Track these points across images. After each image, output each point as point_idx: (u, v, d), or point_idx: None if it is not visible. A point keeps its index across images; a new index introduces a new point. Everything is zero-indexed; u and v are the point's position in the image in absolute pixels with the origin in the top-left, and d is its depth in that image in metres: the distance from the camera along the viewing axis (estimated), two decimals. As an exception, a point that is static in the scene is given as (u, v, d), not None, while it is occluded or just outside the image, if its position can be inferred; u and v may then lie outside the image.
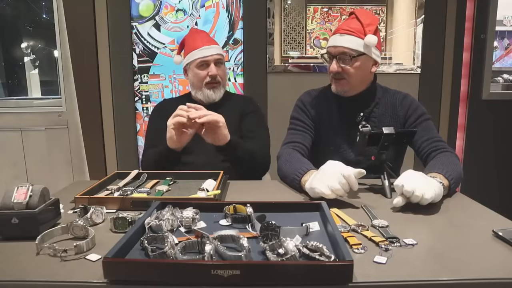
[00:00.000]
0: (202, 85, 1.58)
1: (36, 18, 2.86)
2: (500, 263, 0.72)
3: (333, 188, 1.02)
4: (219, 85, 1.60)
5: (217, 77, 1.58)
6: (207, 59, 1.56)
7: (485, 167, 2.50)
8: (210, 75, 1.56)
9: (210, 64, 1.57)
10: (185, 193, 1.17)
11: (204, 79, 1.57)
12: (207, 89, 1.58)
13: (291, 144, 1.41)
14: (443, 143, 1.32)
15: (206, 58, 1.56)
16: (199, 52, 1.56)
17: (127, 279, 0.65)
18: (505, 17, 2.65)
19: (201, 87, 1.59)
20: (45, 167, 2.52)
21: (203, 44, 1.57)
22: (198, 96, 1.61)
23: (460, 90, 2.47)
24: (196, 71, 1.58)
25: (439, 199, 1.01)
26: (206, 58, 1.56)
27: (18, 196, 0.85)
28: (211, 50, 1.57)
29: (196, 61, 1.56)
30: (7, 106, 2.56)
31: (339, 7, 2.49)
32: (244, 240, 0.72)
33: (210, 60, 1.56)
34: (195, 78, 1.59)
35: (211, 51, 1.57)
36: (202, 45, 1.57)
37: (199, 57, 1.56)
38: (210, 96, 1.59)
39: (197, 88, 1.60)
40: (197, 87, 1.60)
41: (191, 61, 1.58)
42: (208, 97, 1.59)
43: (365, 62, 1.37)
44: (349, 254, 0.66)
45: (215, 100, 1.60)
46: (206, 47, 1.57)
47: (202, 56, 1.56)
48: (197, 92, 1.61)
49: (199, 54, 1.56)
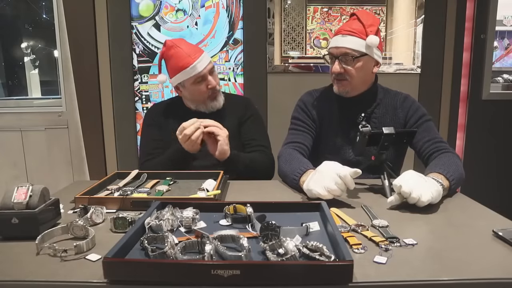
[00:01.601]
0: (204, 99, 1.53)
1: (36, 18, 2.85)
2: (500, 263, 0.72)
3: (330, 189, 1.02)
4: (218, 92, 1.56)
5: (217, 86, 1.53)
6: (202, 74, 1.48)
7: (485, 167, 2.50)
8: (212, 88, 1.51)
9: (207, 78, 1.50)
10: (185, 193, 1.17)
11: (206, 93, 1.52)
12: (210, 101, 1.54)
13: (291, 144, 1.41)
14: (444, 144, 1.32)
15: (201, 74, 1.48)
16: (191, 70, 1.47)
17: (127, 279, 0.65)
18: (505, 17, 2.65)
19: (203, 101, 1.54)
20: (45, 167, 2.52)
21: (192, 60, 1.46)
22: (201, 109, 1.55)
23: (460, 90, 2.47)
24: (193, 87, 1.51)
25: (437, 201, 1.01)
26: (201, 73, 1.48)
27: (18, 196, 0.85)
28: (202, 63, 1.48)
29: (192, 80, 1.49)
30: (7, 106, 2.55)
31: (339, 7, 2.48)
32: (244, 240, 0.72)
33: (205, 74, 1.49)
34: (195, 94, 1.53)
35: (203, 64, 1.48)
36: (193, 61, 1.46)
37: (194, 75, 1.47)
38: (214, 107, 1.55)
39: (199, 102, 1.55)
40: (198, 102, 1.55)
41: (185, 80, 1.50)
42: (213, 107, 1.55)
43: (367, 63, 1.37)
44: (349, 254, 0.66)
45: (220, 107, 1.56)
46: (196, 61, 1.47)
47: (197, 73, 1.47)
48: (198, 106, 1.55)
49: (192, 72, 1.47)
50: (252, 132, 1.59)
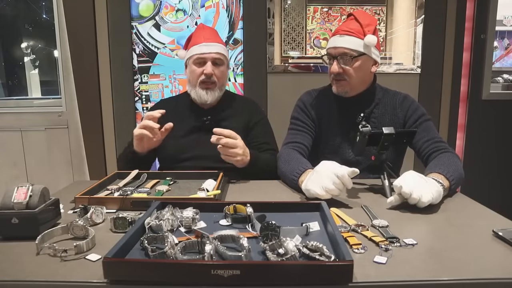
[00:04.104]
0: (196, 83, 1.50)
1: (36, 18, 2.85)
2: (500, 263, 0.72)
3: (327, 189, 1.03)
4: (214, 86, 1.50)
5: (213, 77, 1.48)
6: (204, 56, 1.48)
7: (485, 167, 2.50)
8: (205, 74, 1.47)
9: (207, 62, 1.48)
10: (185, 193, 1.17)
11: (199, 77, 1.49)
12: (200, 89, 1.50)
13: (291, 144, 1.41)
14: (444, 143, 1.32)
15: (203, 55, 1.48)
16: (198, 48, 1.49)
17: (127, 279, 0.65)
18: (505, 17, 2.65)
19: (195, 85, 1.51)
20: (45, 167, 2.52)
21: (204, 40, 1.49)
22: (192, 95, 1.54)
23: (460, 90, 2.47)
24: (192, 67, 1.51)
25: (437, 201, 1.01)
26: (203, 55, 1.48)
27: (18, 196, 0.85)
28: (210, 48, 1.49)
29: (194, 57, 1.49)
30: (7, 106, 2.55)
31: (339, 7, 2.48)
32: (244, 240, 0.72)
33: (207, 58, 1.48)
34: (191, 75, 1.52)
35: (210, 48, 1.49)
36: (203, 41, 1.49)
37: (197, 53, 1.48)
38: (202, 97, 1.50)
39: (192, 85, 1.53)
40: (192, 85, 1.53)
41: (190, 57, 1.51)
42: (200, 97, 1.50)
43: (365, 62, 1.37)
44: (349, 254, 0.66)
45: (207, 101, 1.51)
46: (206, 43, 1.49)
47: (200, 53, 1.48)
48: (191, 90, 1.54)
49: (197, 50, 1.49)
50: (263, 136, 1.57)
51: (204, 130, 1.49)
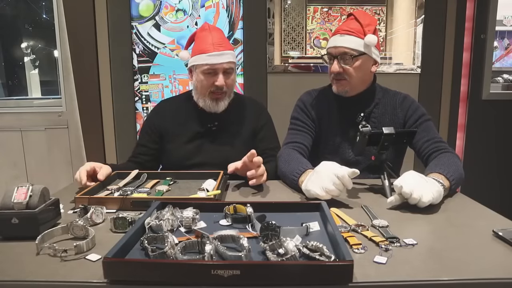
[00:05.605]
0: (205, 93, 1.44)
1: (36, 18, 2.85)
2: (500, 263, 0.72)
3: (327, 189, 1.03)
4: (224, 95, 1.45)
5: (224, 87, 1.43)
6: (215, 68, 1.40)
7: (485, 167, 2.50)
8: (217, 86, 1.41)
9: (218, 73, 1.41)
10: (185, 193, 1.17)
11: (209, 87, 1.43)
12: (209, 100, 1.45)
13: (291, 144, 1.41)
14: (444, 143, 1.32)
15: (215, 67, 1.40)
16: (208, 57, 1.39)
17: (127, 279, 0.65)
18: (505, 17, 2.65)
19: (204, 95, 1.45)
20: (45, 167, 2.52)
21: (214, 49, 1.39)
22: (200, 104, 1.48)
23: (460, 90, 2.47)
24: (201, 77, 1.43)
25: (437, 201, 1.02)
26: (214, 66, 1.40)
27: (18, 196, 0.85)
28: (221, 58, 1.39)
29: (203, 67, 1.41)
30: (7, 106, 2.55)
31: (339, 7, 2.48)
32: (244, 240, 0.72)
33: (219, 69, 1.41)
34: (200, 84, 1.45)
35: (221, 58, 1.39)
36: (213, 50, 1.39)
37: (207, 64, 1.39)
38: (212, 108, 1.46)
39: (200, 94, 1.47)
40: (200, 94, 1.47)
41: (198, 65, 1.42)
42: (210, 107, 1.46)
43: (365, 62, 1.37)
44: (349, 254, 0.66)
45: (217, 112, 1.47)
46: (217, 53, 1.39)
47: (211, 63, 1.39)
48: (199, 99, 1.48)
49: (207, 60, 1.39)
50: (268, 140, 1.55)
51: (209, 136, 1.47)
